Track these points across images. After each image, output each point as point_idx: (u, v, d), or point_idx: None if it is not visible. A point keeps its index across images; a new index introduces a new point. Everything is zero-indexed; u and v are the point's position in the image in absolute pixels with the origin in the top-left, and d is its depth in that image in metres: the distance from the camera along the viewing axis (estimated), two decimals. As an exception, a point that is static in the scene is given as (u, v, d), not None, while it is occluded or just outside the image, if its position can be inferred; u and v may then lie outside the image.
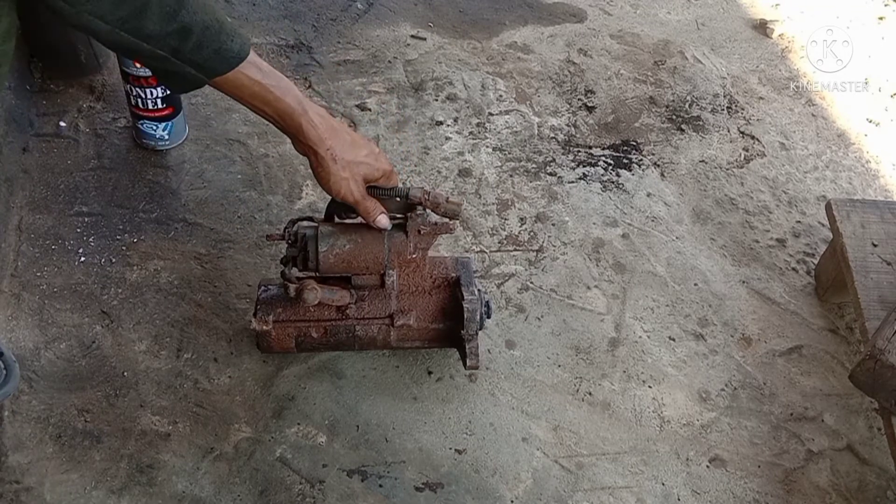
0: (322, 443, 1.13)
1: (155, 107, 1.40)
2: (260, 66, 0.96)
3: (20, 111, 1.45)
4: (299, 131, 1.00)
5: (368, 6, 1.87)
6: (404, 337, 1.16)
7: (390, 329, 1.14)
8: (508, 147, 1.60)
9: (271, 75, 0.97)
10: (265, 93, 0.96)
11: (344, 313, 1.13)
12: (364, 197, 1.06)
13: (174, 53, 0.89)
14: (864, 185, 1.64)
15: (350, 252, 1.09)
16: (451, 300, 1.16)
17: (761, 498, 1.14)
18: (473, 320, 1.12)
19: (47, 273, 1.27)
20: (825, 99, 1.83)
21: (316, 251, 1.08)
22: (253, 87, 0.96)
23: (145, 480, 1.07)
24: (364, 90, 1.67)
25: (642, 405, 1.23)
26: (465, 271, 1.17)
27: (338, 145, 1.01)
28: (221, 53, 0.91)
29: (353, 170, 1.03)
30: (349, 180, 1.03)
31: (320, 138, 1.00)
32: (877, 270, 1.25)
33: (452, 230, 1.13)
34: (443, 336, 1.16)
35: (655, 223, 1.50)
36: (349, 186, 1.03)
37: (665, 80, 1.81)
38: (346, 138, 1.03)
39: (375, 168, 1.05)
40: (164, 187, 1.42)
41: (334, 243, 1.09)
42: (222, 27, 0.91)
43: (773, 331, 1.35)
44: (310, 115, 0.99)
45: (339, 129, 1.03)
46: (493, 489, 1.11)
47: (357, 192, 1.04)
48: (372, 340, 1.15)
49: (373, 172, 1.06)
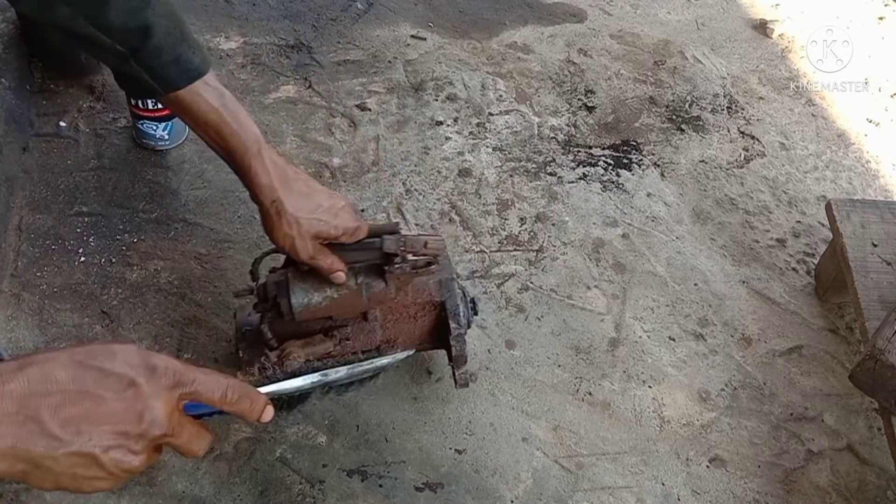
0: (322, 443, 1.13)
1: (155, 107, 1.40)
2: (222, 93, 0.92)
3: (20, 111, 1.45)
4: (247, 174, 0.92)
5: (368, 6, 1.87)
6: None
7: None
8: (508, 147, 1.60)
9: (232, 106, 0.92)
10: (221, 123, 0.91)
11: (329, 354, 1.07)
12: (315, 255, 0.95)
13: (133, 53, 0.87)
14: (864, 185, 1.64)
15: (327, 308, 1.02)
16: (438, 323, 1.11)
17: (761, 498, 1.14)
18: (462, 354, 1.09)
19: (47, 273, 1.27)
20: (825, 99, 1.84)
21: (290, 310, 1.00)
22: (210, 113, 0.91)
23: (145, 480, 1.07)
24: (364, 90, 1.67)
25: (642, 405, 1.23)
26: (451, 296, 1.09)
27: (287, 198, 0.92)
28: (181, 64, 0.89)
29: (300, 227, 0.93)
30: (295, 238, 0.94)
31: (269, 187, 0.92)
32: (877, 270, 1.25)
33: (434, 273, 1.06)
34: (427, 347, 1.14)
35: (655, 223, 1.50)
36: (294, 244, 0.94)
37: (665, 80, 1.81)
38: (300, 190, 0.94)
39: (332, 226, 0.95)
40: (164, 187, 1.42)
41: (309, 302, 1.00)
42: (185, 38, 0.89)
43: (773, 331, 1.35)
44: (263, 157, 0.91)
45: (294, 179, 0.94)
46: (493, 489, 1.11)
47: (304, 252, 0.95)
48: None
49: (328, 230, 0.95)
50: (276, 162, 0.93)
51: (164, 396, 0.61)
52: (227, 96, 0.92)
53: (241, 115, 0.92)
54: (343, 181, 1.48)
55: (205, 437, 0.66)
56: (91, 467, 0.57)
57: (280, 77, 1.66)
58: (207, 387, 0.64)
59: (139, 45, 0.87)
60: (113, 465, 0.58)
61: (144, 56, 0.88)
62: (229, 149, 0.93)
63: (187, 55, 0.90)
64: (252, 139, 0.92)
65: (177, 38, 0.89)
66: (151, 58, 0.88)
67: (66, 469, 0.56)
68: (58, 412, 0.54)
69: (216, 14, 1.78)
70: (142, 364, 0.60)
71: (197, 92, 0.90)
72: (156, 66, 0.88)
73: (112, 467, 0.58)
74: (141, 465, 0.60)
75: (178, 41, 0.89)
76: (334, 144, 1.55)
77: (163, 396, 0.60)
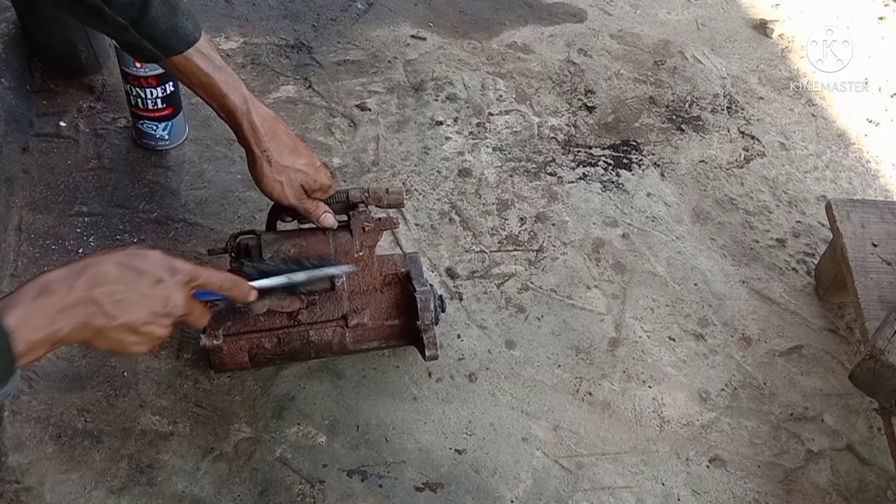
0: (322, 443, 1.13)
1: (155, 107, 1.40)
2: (212, 58, 1.02)
3: (20, 111, 1.45)
4: (239, 129, 1.04)
5: (368, 6, 1.87)
6: (360, 338, 1.14)
7: (345, 331, 1.12)
8: (508, 147, 1.60)
9: (221, 70, 1.02)
10: (212, 86, 1.01)
11: (296, 319, 1.11)
12: (302, 199, 1.07)
13: (133, 24, 0.96)
14: (864, 185, 1.64)
15: (295, 256, 1.07)
16: (404, 295, 1.15)
17: (761, 498, 1.14)
18: (428, 309, 1.11)
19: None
20: (825, 99, 1.84)
21: (260, 259, 1.07)
22: (202, 77, 1.01)
23: (145, 480, 1.07)
24: (364, 90, 1.67)
25: (642, 405, 1.23)
26: (415, 265, 1.17)
27: (275, 149, 1.04)
28: (178, 31, 0.98)
29: (289, 175, 1.05)
30: (283, 184, 1.05)
31: (258, 139, 1.03)
32: (877, 270, 1.25)
33: (396, 225, 1.13)
34: (399, 333, 1.15)
35: (655, 223, 1.50)
36: (282, 190, 1.05)
37: (665, 80, 1.81)
38: (286, 144, 1.05)
39: (313, 179, 1.07)
40: (164, 187, 1.42)
41: (279, 249, 1.07)
42: (178, 7, 0.98)
43: (773, 331, 1.35)
44: (252, 115, 1.02)
45: (282, 134, 1.05)
46: (493, 489, 1.11)
47: (293, 196, 1.06)
48: (328, 345, 1.13)
49: (309, 183, 1.06)
50: (266, 117, 1.04)
51: (182, 288, 0.84)
52: (216, 60, 1.02)
53: (230, 79, 1.02)
54: (343, 181, 1.48)
55: (207, 315, 0.90)
56: (132, 335, 0.80)
57: (280, 77, 1.66)
58: (211, 279, 0.87)
59: (139, 16, 0.96)
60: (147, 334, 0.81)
61: (144, 26, 0.97)
62: (222, 108, 1.04)
63: (182, 23, 0.99)
64: (240, 100, 1.02)
65: (171, 6, 0.98)
66: (150, 27, 0.97)
67: (117, 336, 0.79)
68: (110, 297, 0.77)
69: (216, 14, 1.78)
70: (166, 265, 0.83)
71: (189, 58, 1.00)
72: (155, 34, 0.97)
73: (147, 335, 0.81)
74: (166, 335, 0.83)
75: (173, 10, 0.98)
76: (334, 144, 1.55)
77: (181, 288, 0.84)
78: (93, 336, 0.78)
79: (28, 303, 0.72)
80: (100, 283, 0.77)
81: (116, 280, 0.78)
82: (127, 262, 0.80)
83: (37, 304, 0.72)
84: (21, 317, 0.71)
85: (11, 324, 0.70)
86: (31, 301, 0.72)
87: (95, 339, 0.78)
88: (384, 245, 1.36)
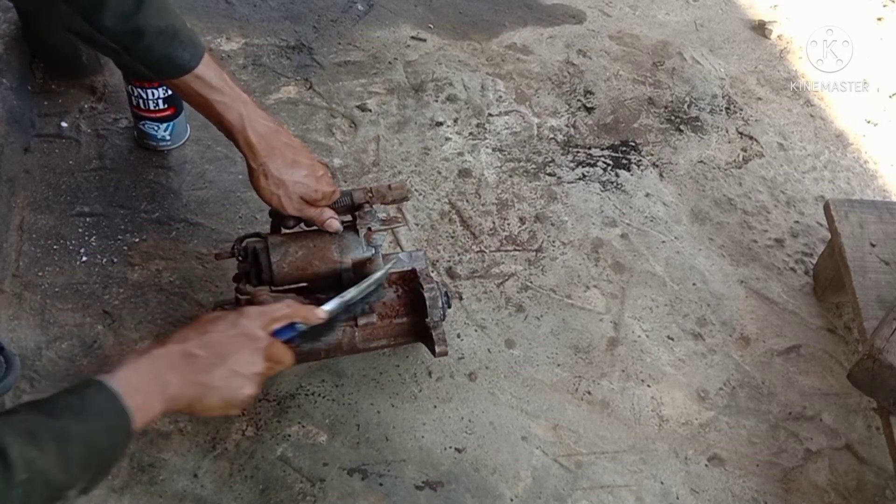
0: (322, 441, 1.14)
1: (156, 107, 1.40)
2: (209, 80, 1.02)
3: (22, 112, 1.46)
4: (237, 144, 1.06)
5: (369, 7, 1.88)
6: (370, 337, 1.15)
7: (355, 330, 1.13)
8: (508, 147, 1.61)
9: (218, 91, 1.03)
10: (208, 106, 1.03)
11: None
12: (303, 209, 1.08)
13: (126, 50, 0.97)
14: (862, 186, 1.65)
15: (303, 258, 1.08)
16: (411, 293, 1.16)
17: (760, 497, 1.15)
18: (436, 307, 1.12)
19: (49, 273, 1.28)
20: (823, 99, 1.84)
21: (269, 262, 1.08)
22: (197, 97, 1.03)
23: (146, 479, 1.07)
24: (364, 91, 1.67)
25: (641, 404, 1.23)
26: (420, 264, 1.18)
27: (272, 164, 1.05)
28: (172, 60, 0.99)
29: (287, 188, 1.06)
30: (281, 196, 1.06)
31: (254, 155, 1.05)
32: (875, 270, 1.25)
33: (402, 223, 1.13)
34: (408, 331, 1.16)
35: (654, 223, 1.51)
36: (280, 201, 1.07)
37: (664, 80, 1.82)
38: (285, 157, 1.06)
39: (314, 189, 1.07)
40: (166, 188, 1.43)
41: (286, 251, 1.09)
42: (177, 35, 0.98)
43: (772, 330, 1.36)
44: (248, 133, 1.04)
45: (281, 148, 1.06)
46: (492, 488, 1.11)
47: (292, 207, 1.07)
48: (337, 345, 1.13)
49: (310, 193, 1.08)
50: (263, 133, 1.05)
51: (264, 334, 0.92)
52: (213, 82, 1.02)
53: (227, 99, 1.03)
54: (344, 181, 1.48)
55: (289, 353, 0.96)
56: (235, 378, 0.87)
57: (281, 78, 1.67)
58: (282, 314, 0.95)
59: (132, 44, 0.97)
60: (248, 373, 0.89)
61: (137, 53, 0.98)
62: (219, 126, 1.06)
63: (178, 52, 0.99)
64: (236, 119, 1.04)
65: (168, 36, 0.97)
66: (143, 54, 0.98)
67: (221, 382, 0.86)
68: (204, 349, 0.86)
69: (217, 15, 1.79)
70: (246, 320, 0.92)
71: (186, 82, 1.01)
72: (148, 60, 0.99)
73: (248, 375, 0.89)
74: (264, 371, 0.91)
75: (169, 39, 0.98)
76: (335, 145, 1.55)
77: (264, 336, 0.92)
78: (199, 393, 0.86)
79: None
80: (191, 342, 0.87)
81: (205, 341, 0.88)
82: (202, 326, 0.89)
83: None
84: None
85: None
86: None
87: (201, 395, 0.86)
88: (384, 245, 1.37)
